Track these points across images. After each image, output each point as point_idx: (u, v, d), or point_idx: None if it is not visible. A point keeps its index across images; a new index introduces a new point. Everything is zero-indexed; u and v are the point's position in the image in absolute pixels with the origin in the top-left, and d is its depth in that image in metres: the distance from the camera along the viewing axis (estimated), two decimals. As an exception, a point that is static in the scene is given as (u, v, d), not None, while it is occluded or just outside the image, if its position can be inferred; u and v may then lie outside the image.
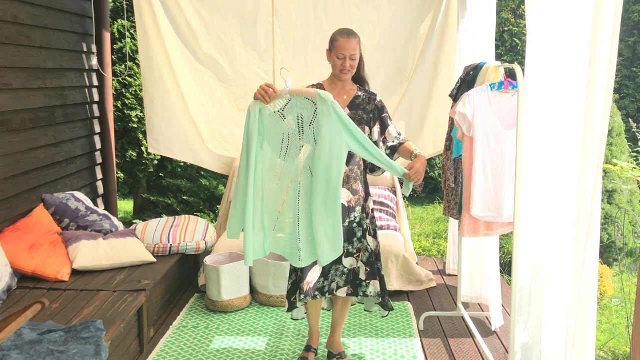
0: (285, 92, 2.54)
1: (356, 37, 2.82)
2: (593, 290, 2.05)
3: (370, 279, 2.90)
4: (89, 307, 2.96)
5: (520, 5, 8.18)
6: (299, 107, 2.56)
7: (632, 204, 5.72)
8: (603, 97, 1.93)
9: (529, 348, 2.33)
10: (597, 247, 2.03)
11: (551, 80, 2.22)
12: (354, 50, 2.79)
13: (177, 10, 4.57)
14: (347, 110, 2.84)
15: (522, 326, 2.34)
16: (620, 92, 8.29)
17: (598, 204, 1.99)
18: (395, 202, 4.68)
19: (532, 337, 2.32)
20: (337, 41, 2.80)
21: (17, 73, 3.62)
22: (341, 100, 2.87)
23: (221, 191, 6.43)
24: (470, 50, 3.89)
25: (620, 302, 4.53)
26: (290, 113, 2.58)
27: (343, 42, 2.78)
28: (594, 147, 1.97)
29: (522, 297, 2.32)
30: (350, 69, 2.81)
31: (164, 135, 4.77)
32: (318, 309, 3.13)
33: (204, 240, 4.06)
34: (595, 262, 2.05)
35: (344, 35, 2.80)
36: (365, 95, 2.90)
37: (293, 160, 2.59)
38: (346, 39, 2.78)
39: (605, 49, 1.91)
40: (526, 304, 2.32)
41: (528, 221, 2.35)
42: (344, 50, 2.77)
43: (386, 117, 2.89)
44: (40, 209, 3.73)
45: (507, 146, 2.94)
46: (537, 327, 2.30)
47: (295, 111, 2.58)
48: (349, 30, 2.84)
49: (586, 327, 2.08)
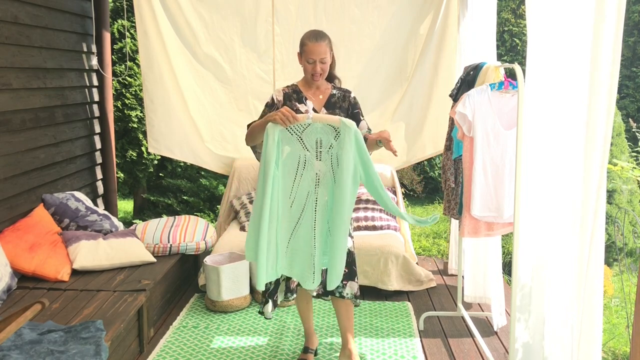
0: (307, 118, 2.56)
1: (325, 39, 2.76)
2: (599, 290, 2.05)
3: (347, 280, 2.86)
4: (89, 307, 2.96)
5: (520, 5, 8.18)
6: (319, 131, 2.58)
7: (632, 204, 5.72)
8: (606, 97, 1.93)
9: (530, 347, 2.33)
10: (602, 248, 2.01)
11: (552, 80, 2.22)
12: (324, 53, 2.74)
13: (177, 10, 4.57)
14: (324, 110, 2.86)
15: (523, 325, 2.33)
16: (620, 92, 8.30)
17: (602, 204, 1.99)
18: (395, 202, 4.68)
19: (532, 337, 2.32)
20: (305, 45, 2.75)
21: (17, 73, 3.62)
22: (317, 100, 2.88)
23: (221, 191, 6.43)
24: (471, 50, 3.89)
25: (620, 302, 4.53)
26: (308, 136, 2.60)
27: (312, 46, 2.73)
28: (598, 147, 1.96)
29: (522, 295, 2.32)
30: (321, 73, 2.79)
31: (164, 135, 4.77)
32: (308, 308, 3.12)
33: (204, 240, 4.06)
34: (601, 263, 2.03)
35: (312, 38, 2.74)
36: (339, 93, 2.91)
37: (308, 182, 2.62)
38: (314, 43, 2.73)
39: (607, 49, 1.91)
40: (527, 303, 2.32)
41: (529, 221, 2.35)
42: (313, 54, 2.73)
43: (358, 113, 2.90)
44: (40, 209, 3.73)
45: (507, 146, 2.94)
46: (538, 325, 2.30)
47: (314, 135, 2.59)
48: (318, 33, 2.78)
49: (592, 327, 2.07)
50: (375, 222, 4.29)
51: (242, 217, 4.48)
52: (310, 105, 2.75)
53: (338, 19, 4.61)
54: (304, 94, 2.89)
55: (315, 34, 2.78)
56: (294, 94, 2.88)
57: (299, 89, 2.90)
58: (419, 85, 4.74)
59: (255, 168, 4.80)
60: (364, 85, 4.65)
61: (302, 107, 2.84)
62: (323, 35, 2.79)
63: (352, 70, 4.65)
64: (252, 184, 4.82)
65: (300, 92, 2.89)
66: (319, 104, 2.88)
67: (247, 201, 4.63)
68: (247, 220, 4.38)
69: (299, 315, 3.23)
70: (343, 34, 4.65)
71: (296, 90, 2.90)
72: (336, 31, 4.64)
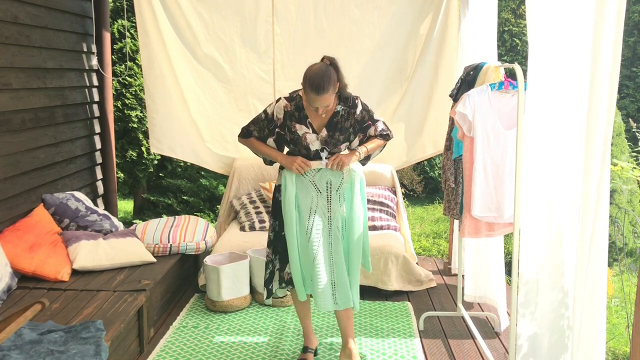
0: (322, 165, 2.89)
1: (329, 89, 2.67)
2: (600, 291, 2.03)
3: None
4: (89, 307, 2.96)
5: (520, 5, 8.18)
6: (329, 174, 2.90)
7: (632, 204, 5.72)
8: (606, 97, 1.92)
9: (538, 337, 2.32)
10: (605, 248, 2.00)
11: (552, 81, 2.22)
12: (327, 101, 2.73)
13: (177, 10, 4.56)
14: (324, 132, 2.86)
15: (529, 318, 2.33)
16: (620, 92, 8.30)
17: (605, 204, 1.98)
18: (395, 202, 4.68)
19: (539, 326, 2.31)
20: (308, 94, 2.71)
21: (17, 73, 3.62)
22: (319, 120, 2.86)
23: (221, 191, 6.43)
24: (471, 50, 3.88)
25: (620, 302, 4.53)
26: (320, 179, 2.90)
27: (314, 97, 2.69)
28: (598, 147, 1.95)
29: (528, 290, 2.32)
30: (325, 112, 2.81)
31: (166, 135, 4.76)
32: (306, 308, 3.13)
33: (204, 240, 4.06)
34: (603, 264, 2.01)
35: (314, 91, 2.66)
36: (344, 110, 2.87)
37: (321, 220, 2.89)
38: (316, 96, 2.68)
39: (608, 49, 1.90)
40: (533, 296, 2.31)
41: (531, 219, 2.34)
42: (315, 103, 2.73)
43: (367, 127, 2.93)
44: (40, 209, 3.73)
45: (507, 146, 2.94)
46: (547, 315, 2.29)
47: (325, 178, 2.90)
48: (321, 84, 2.64)
49: (592, 328, 2.06)
50: (375, 222, 4.29)
51: (242, 217, 4.48)
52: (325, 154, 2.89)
53: (338, 19, 4.61)
54: (306, 111, 2.86)
55: (318, 84, 2.65)
56: (295, 112, 2.86)
57: (302, 104, 2.85)
58: (419, 85, 4.74)
59: (255, 168, 4.80)
60: (364, 85, 4.65)
61: (301, 128, 2.85)
62: (327, 84, 2.66)
63: (352, 70, 4.64)
64: (252, 184, 4.82)
65: (303, 109, 2.86)
66: (320, 123, 2.87)
67: (247, 201, 4.63)
68: (247, 221, 4.39)
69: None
70: (343, 34, 4.65)
71: (299, 106, 2.85)
72: (336, 31, 4.65)
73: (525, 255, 2.32)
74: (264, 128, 2.92)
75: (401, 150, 4.89)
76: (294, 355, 3.21)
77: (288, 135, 2.87)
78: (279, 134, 2.90)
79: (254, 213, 4.46)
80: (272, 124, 2.89)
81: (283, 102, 2.88)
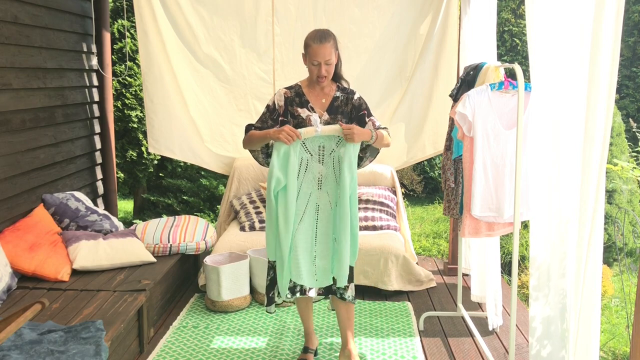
0: (315, 132, 2.73)
1: (330, 40, 2.72)
2: (597, 290, 2.04)
3: (349, 282, 2.89)
4: (89, 307, 2.96)
5: (520, 5, 8.18)
6: (322, 138, 2.79)
7: (632, 204, 5.72)
8: (605, 97, 1.93)
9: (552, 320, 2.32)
10: (600, 248, 2.01)
11: (552, 80, 2.22)
12: (329, 55, 2.72)
13: (177, 11, 4.57)
14: (326, 115, 2.85)
15: (542, 301, 2.33)
16: (620, 92, 8.30)
17: (601, 204, 1.98)
18: (395, 202, 4.68)
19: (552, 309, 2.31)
20: (309, 47, 2.72)
21: (17, 73, 3.62)
22: (319, 104, 2.86)
23: (221, 191, 6.43)
24: (471, 50, 3.88)
25: (620, 302, 4.53)
26: (311, 142, 2.79)
27: (316, 48, 2.70)
28: (597, 146, 1.96)
29: (540, 274, 2.32)
30: (326, 75, 2.77)
31: (164, 135, 4.77)
32: (308, 308, 3.12)
33: (204, 240, 4.06)
34: (599, 263, 2.03)
35: (317, 40, 2.70)
36: (343, 96, 2.88)
37: (310, 183, 2.80)
38: (319, 45, 2.69)
39: (607, 49, 1.90)
40: (545, 280, 2.31)
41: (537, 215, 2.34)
42: (317, 56, 2.71)
43: (363, 115, 2.87)
44: (40, 209, 3.73)
45: (507, 146, 2.94)
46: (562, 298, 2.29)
47: (317, 141, 2.79)
48: (322, 34, 2.73)
49: (589, 328, 2.07)
50: (375, 222, 4.29)
51: (242, 217, 4.48)
52: (317, 120, 2.76)
53: (338, 19, 4.61)
54: (307, 96, 2.87)
55: (320, 35, 2.73)
56: (296, 98, 2.86)
57: (302, 91, 2.87)
58: (419, 85, 4.74)
59: (255, 168, 4.80)
60: (364, 85, 4.64)
61: (304, 112, 2.83)
62: (327, 35, 2.74)
63: (352, 70, 4.64)
64: (252, 184, 4.82)
65: (303, 94, 2.87)
66: (321, 108, 2.87)
67: (247, 201, 4.63)
68: (247, 221, 4.38)
69: (299, 316, 3.23)
70: (343, 34, 4.64)
71: (299, 92, 2.87)
72: (336, 31, 4.60)
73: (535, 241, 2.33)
74: (267, 120, 2.89)
75: (401, 150, 4.89)
76: (294, 355, 3.21)
77: (292, 121, 2.85)
78: (282, 122, 2.87)
79: (254, 213, 4.46)
80: (275, 113, 2.87)
81: (282, 90, 2.91)
